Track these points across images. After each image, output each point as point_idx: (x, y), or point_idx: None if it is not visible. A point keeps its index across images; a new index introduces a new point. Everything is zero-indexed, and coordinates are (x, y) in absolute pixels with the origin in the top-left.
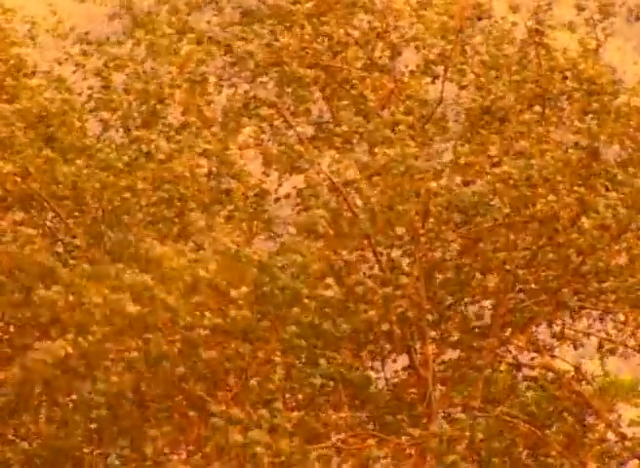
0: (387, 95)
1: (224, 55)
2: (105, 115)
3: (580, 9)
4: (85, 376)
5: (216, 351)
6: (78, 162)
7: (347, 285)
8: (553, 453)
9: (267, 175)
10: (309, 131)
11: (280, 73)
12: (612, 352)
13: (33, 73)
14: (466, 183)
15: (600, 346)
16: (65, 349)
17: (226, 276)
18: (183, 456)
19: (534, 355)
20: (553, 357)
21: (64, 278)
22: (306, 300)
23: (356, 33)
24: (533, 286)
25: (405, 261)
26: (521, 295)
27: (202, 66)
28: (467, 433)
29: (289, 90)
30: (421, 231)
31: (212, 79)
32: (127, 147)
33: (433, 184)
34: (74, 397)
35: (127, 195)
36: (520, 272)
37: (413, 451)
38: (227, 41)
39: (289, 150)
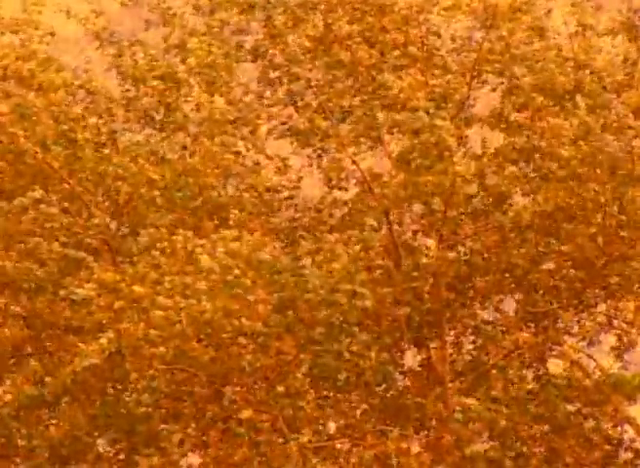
0: (418, 88)
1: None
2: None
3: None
4: (118, 379)
5: (250, 355)
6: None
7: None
8: (569, 461)
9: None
10: (337, 116)
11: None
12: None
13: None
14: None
15: (618, 341)
16: (109, 349)
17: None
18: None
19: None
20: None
21: (97, 274)
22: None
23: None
24: (549, 284)
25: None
26: (536, 295)
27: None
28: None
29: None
30: (440, 215)
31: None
32: (146, 144)
33: (460, 168)
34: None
35: (143, 190)
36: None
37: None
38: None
39: (316, 127)
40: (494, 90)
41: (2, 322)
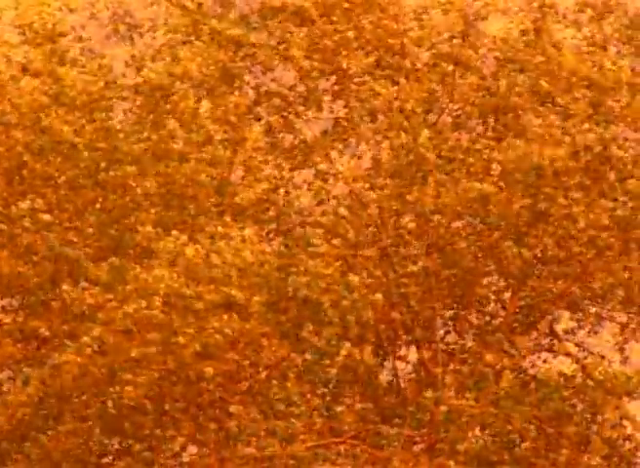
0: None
1: (234, 52)
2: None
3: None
4: (108, 380)
5: (236, 351)
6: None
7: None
8: (564, 452)
9: (281, 171)
10: (322, 125)
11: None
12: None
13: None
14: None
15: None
16: (92, 347)
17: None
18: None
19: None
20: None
21: (91, 273)
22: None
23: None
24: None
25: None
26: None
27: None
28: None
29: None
30: (432, 224)
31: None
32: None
33: (444, 176)
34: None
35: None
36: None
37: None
38: (238, 37)
39: (302, 144)
40: (475, 89)
41: None
